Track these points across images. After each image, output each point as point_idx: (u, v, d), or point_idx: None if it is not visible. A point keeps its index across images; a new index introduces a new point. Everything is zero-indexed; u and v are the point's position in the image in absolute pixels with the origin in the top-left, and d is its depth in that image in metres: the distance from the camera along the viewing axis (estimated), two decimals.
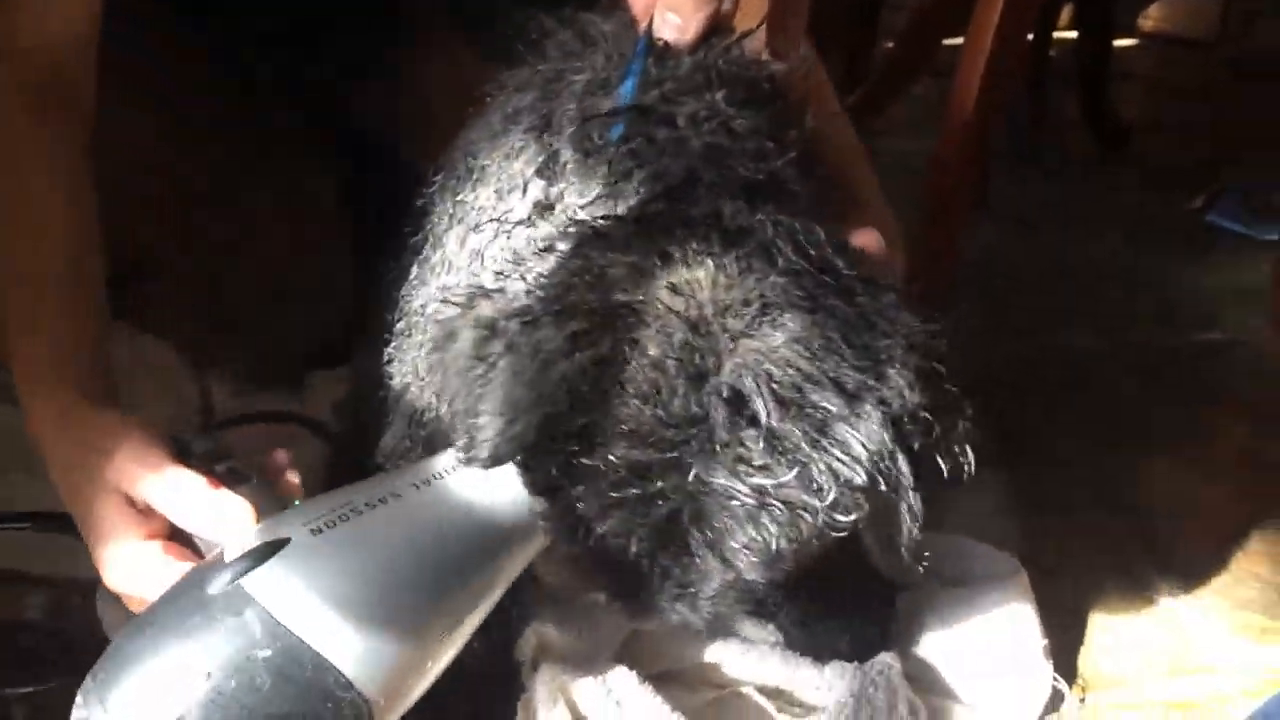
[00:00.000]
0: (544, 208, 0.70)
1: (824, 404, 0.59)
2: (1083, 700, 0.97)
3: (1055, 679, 0.95)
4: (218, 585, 0.61)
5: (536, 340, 0.59)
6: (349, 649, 0.61)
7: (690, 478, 0.59)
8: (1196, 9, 3.06)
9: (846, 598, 0.96)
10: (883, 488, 0.61)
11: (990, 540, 1.07)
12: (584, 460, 0.59)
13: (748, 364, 0.59)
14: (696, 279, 0.61)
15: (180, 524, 0.70)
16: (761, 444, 0.58)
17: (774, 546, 0.60)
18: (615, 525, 0.60)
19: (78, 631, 0.82)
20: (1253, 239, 1.99)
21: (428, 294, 0.76)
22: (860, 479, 0.60)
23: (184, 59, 1.26)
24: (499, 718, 0.88)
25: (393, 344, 0.79)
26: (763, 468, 0.59)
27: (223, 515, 0.68)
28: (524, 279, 0.63)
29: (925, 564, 1.00)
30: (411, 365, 0.76)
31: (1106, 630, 1.06)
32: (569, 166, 0.70)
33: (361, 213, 1.31)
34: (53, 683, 0.88)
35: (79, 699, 0.61)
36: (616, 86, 0.72)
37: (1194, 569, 1.14)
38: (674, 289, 0.61)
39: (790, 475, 0.59)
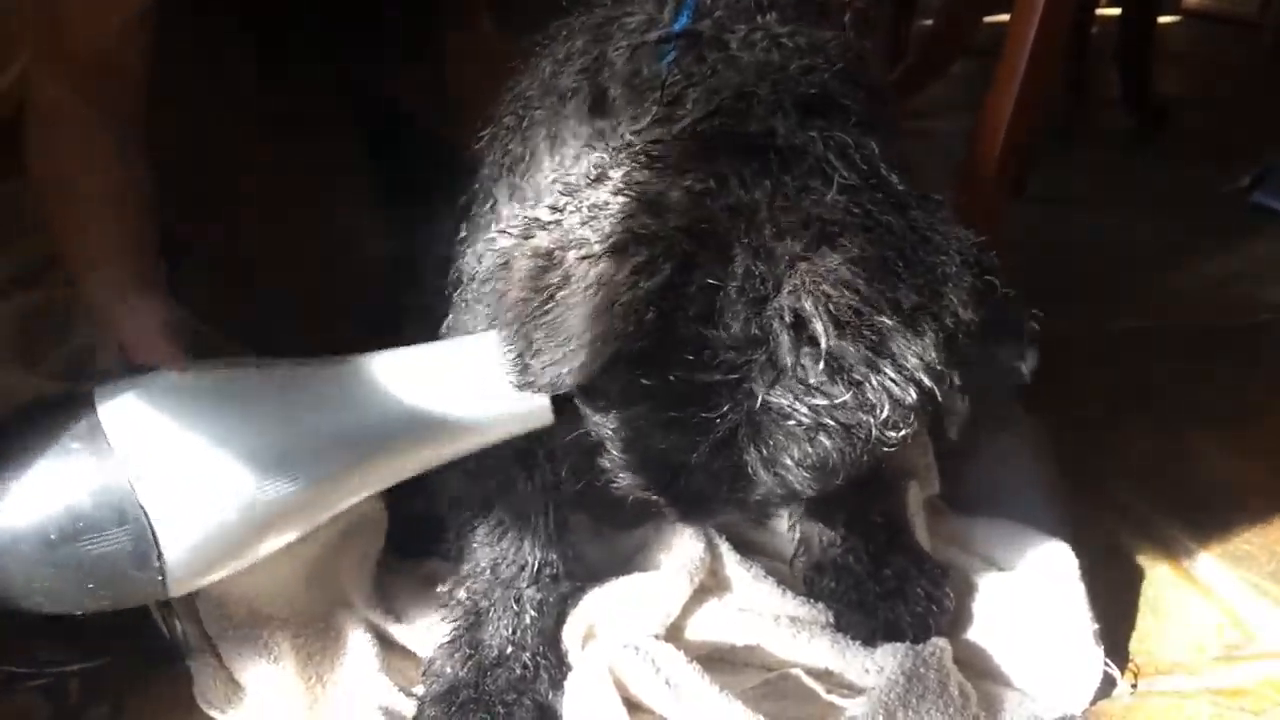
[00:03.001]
0: (597, 136, 0.70)
1: (881, 324, 0.59)
2: (1134, 686, 0.96)
3: (1107, 664, 0.94)
4: (81, 390, 0.68)
5: (597, 274, 0.59)
6: (154, 476, 0.65)
7: (750, 398, 0.59)
8: None
9: (904, 576, 0.96)
10: (935, 404, 0.62)
11: (1037, 525, 1.06)
12: (645, 381, 0.59)
13: (806, 286, 0.59)
14: (755, 201, 0.60)
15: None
16: (821, 365, 0.59)
17: (829, 462, 0.60)
18: (675, 441, 0.60)
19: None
20: None
21: (477, 251, 0.75)
22: (912, 398, 0.60)
23: (205, 40, 1.26)
24: (549, 698, 0.88)
25: (450, 308, 0.78)
26: (821, 388, 0.59)
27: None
28: (579, 209, 0.62)
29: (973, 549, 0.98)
30: (463, 326, 0.75)
31: (1158, 616, 1.04)
32: (620, 100, 0.70)
33: (385, 182, 1.31)
34: (106, 658, 0.89)
35: None
36: (669, 25, 0.72)
37: (1245, 553, 1.13)
38: (733, 212, 0.60)
39: (848, 395, 0.59)
